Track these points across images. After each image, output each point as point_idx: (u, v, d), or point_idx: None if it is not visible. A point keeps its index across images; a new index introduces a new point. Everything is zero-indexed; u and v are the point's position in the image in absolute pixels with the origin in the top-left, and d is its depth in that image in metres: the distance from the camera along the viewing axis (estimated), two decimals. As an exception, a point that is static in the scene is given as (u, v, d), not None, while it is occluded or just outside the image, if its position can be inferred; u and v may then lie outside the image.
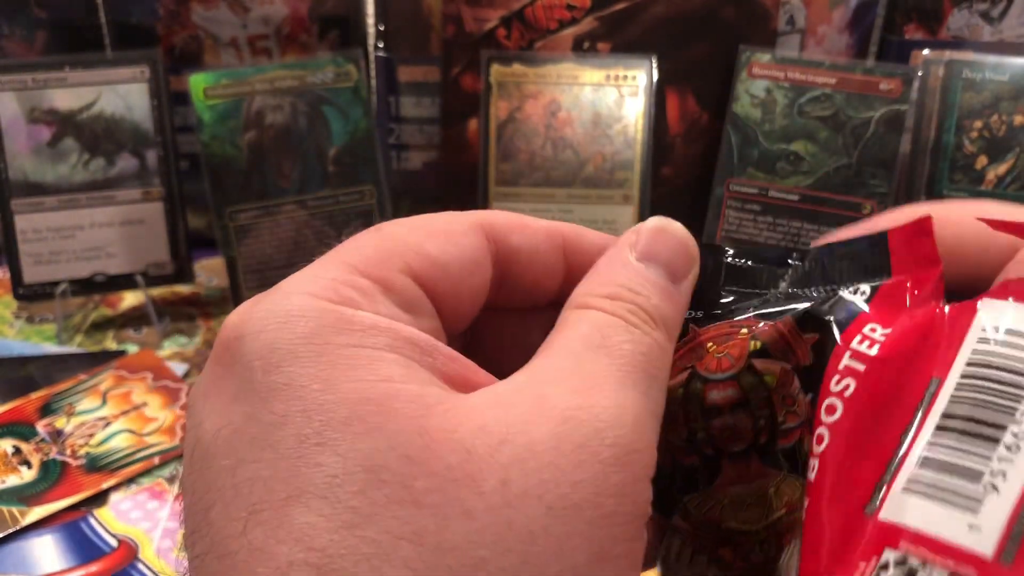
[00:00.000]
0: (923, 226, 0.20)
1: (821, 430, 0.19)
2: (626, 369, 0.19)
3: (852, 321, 0.20)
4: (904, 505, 0.17)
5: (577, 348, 0.20)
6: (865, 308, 0.21)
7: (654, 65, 0.72)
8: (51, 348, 0.70)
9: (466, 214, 0.22)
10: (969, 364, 0.18)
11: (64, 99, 0.69)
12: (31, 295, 0.70)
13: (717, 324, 0.22)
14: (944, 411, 0.18)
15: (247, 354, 0.18)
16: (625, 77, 0.72)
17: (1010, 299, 0.19)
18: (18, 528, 0.51)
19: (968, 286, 0.20)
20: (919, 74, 0.70)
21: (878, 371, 0.19)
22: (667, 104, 0.76)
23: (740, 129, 0.72)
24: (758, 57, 0.72)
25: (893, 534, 0.17)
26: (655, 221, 0.22)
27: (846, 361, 0.20)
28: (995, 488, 0.17)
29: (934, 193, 0.70)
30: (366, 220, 0.72)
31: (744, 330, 0.22)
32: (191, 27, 0.76)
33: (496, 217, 0.23)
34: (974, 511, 0.17)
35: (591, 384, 0.19)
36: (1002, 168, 0.68)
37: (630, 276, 0.21)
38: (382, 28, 0.77)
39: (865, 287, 0.21)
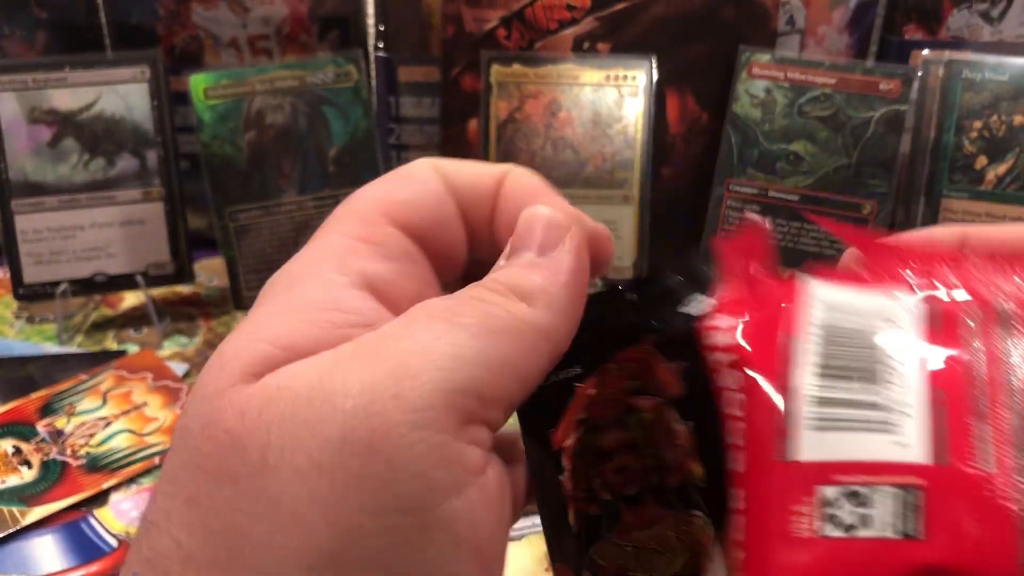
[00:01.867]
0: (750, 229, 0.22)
1: (730, 424, 0.20)
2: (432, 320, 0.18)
3: (704, 325, 0.21)
4: (822, 442, 0.18)
5: (414, 313, 0.19)
6: (708, 309, 0.22)
7: (654, 65, 0.72)
8: (51, 348, 0.70)
9: (417, 163, 0.22)
10: (819, 327, 0.20)
11: (64, 99, 0.69)
12: (31, 295, 0.70)
13: (593, 375, 0.22)
14: (816, 362, 0.20)
15: None
16: (625, 77, 0.72)
17: (830, 280, 0.21)
18: (18, 528, 0.51)
19: None
20: (919, 74, 0.70)
21: (742, 351, 0.20)
22: (667, 104, 0.76)
23: (740, 129, 0.72)
24: (758, 57, 0.72)
25: (820, 471, 0.18)
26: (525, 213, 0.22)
27: (715, 357, 0.21)
28: (905, 412, 0.19)
29: (934, 193, 0.70)
30: (366, 220, 0.71)
31: (615, 367, 0.22)
32: (191, 27, 0.76)
33: (441, 160, 0.23)
34: (898, 431, 0.18)
35: (390, 339, 0.18)
36: (1002, 168, 0.68)
37: (503, 271, 0.21)
38: (382, 28, 0.77)
39: (702, 296, 0.22)
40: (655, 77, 0.73)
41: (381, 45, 0.77)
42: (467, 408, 0.17)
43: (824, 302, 0.21)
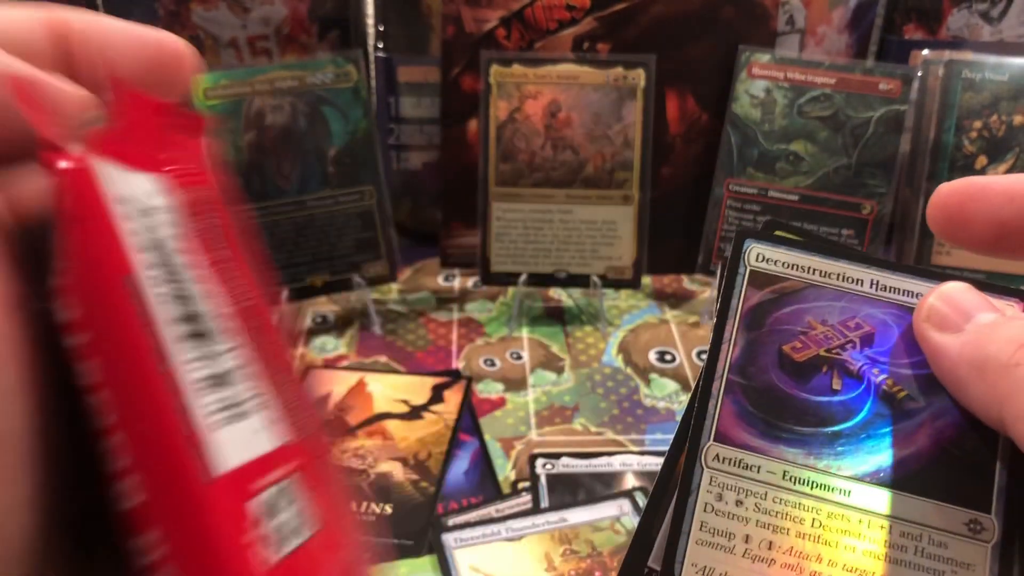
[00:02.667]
0: None
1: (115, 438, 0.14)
2: None
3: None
4: (226, 442, 0.15)
5: None
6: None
7: (654, 65, 0.72)
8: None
9: None
10: (140, 251, 0.15)
11: (64, 100, 0.69)
12: (31, 295, 0.70)
13: None
14: (169, 316, 0.15)
15: None
16: (625, 77, 0.72)
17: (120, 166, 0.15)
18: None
19: None
20: (919, 74, 0.70)
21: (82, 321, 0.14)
22: (667, 104, 0.76)
23: (740, 129, 0.72)
24: (758, 57, 0.72)
25: (239, 482, 0.15)
26: None
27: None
28: (249, 380, 0.16)
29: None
30: (366, 221, 0.72)
31: None
32: (191, 27, 0.76)
33: None
34: (256, 408, 0.15)
35: None
36: (1002, 168, 0.68)
37: None
38: (382, 28, 0.77)
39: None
40: (655, 77, 0.73)
41: (381, 45, 0.77)
42: None
43: (126, 204, 0.15)
